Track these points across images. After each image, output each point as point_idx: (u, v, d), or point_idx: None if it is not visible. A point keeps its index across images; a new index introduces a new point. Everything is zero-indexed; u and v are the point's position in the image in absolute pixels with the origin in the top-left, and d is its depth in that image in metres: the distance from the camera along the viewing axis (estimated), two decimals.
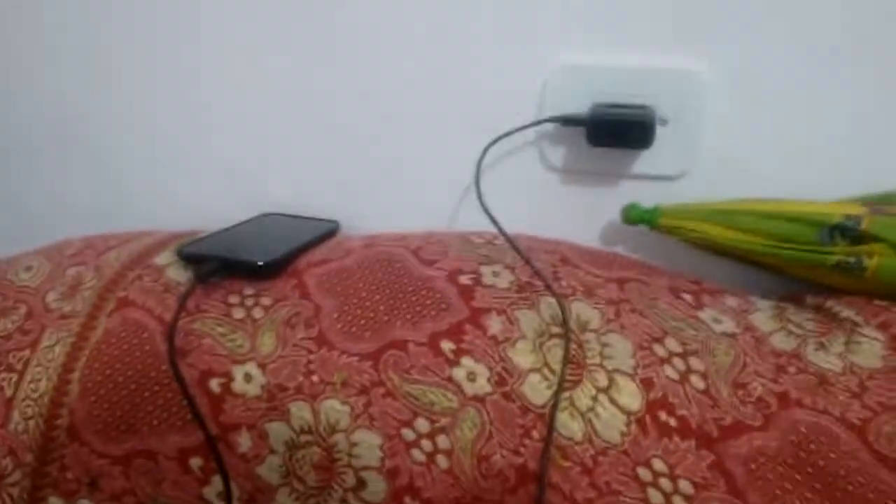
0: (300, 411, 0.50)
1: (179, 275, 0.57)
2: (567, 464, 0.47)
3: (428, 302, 0.53)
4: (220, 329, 0.53)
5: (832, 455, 0.45)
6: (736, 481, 0.46)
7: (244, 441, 0.51)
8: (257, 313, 0.54)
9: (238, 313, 0.54)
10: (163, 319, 0.53)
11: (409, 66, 0.66)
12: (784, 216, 0.56)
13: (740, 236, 0.57)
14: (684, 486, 0.46)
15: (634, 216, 0.62)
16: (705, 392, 0.48)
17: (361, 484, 0.50)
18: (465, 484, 0.48)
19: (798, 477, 0.45)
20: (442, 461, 0.49)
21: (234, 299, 0.55)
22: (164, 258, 0.59)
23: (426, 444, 0.49)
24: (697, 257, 0.62)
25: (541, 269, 0.56)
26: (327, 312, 0.53)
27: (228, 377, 0.51)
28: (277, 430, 0.50)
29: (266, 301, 0.54)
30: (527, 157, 0.66)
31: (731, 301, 0.55)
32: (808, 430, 0.46)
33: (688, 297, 0.55)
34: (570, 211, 0.66)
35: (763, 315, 0.53)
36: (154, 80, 0.74)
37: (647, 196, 0.63)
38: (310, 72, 0.69)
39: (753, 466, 0.46)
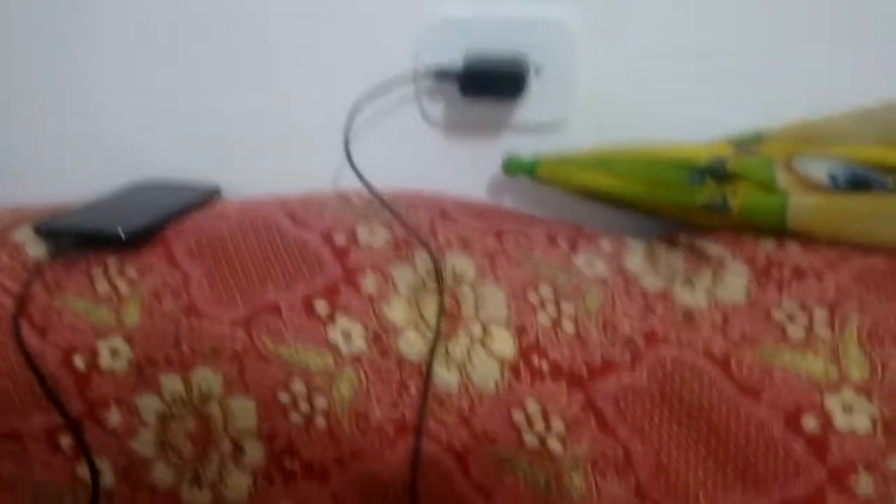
0: (171, 382, 0.49)
1: (39, 251, 0.54)
2: (444, 414, 0.47)
3: (301, 263, 0.52)
4: (82, 304, 0.51)
5: (696, 388, 0.46)
6: (606, 418, 0.47)
7: (113, 416, 0.49)
8: (122, 285, 0.52)
9: (102, 287, 0.52)
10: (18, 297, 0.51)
11: (280, 23, 0.64)
12: (657, 161, 0.57)
13: (616, 182, 0.58)
14: (557, 426, 0.47)
15: (514, 167, 0.61)
16: (576, 335, 0.49)
17: (239, 450, 0.49)
18: (344, 442, 0.48)
19: (665, 410, 0.46)
20: (320, 421, 0.48)
21: (97, 272, 0.52)
22: (23, 235, 0.56)
23: (304, 405, 0.48)
24: (579, 206, 0.63)
25: (418, 224, 0.55)
26: (196, 280, 0.51)
27: (93, 352, 0.49)
28: (148, 403, 0.49)
29: (131, 272, 0.52)
30: (406, 112, 0.65)
31: (606, 245, 0.56)
32: (672, 365, 0.47)
33: (563, 243, 0.55)
34: (454, 165, 0.65)
35: (635, 257, 0.54)
36: (31, 54, 0.70)
37: (531, 147, 0.63)
38: (184, 35, 0.66)
39: (622, 404, 0.47)
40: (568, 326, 0.49)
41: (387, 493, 0.48)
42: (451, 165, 0.65)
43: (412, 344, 0.49)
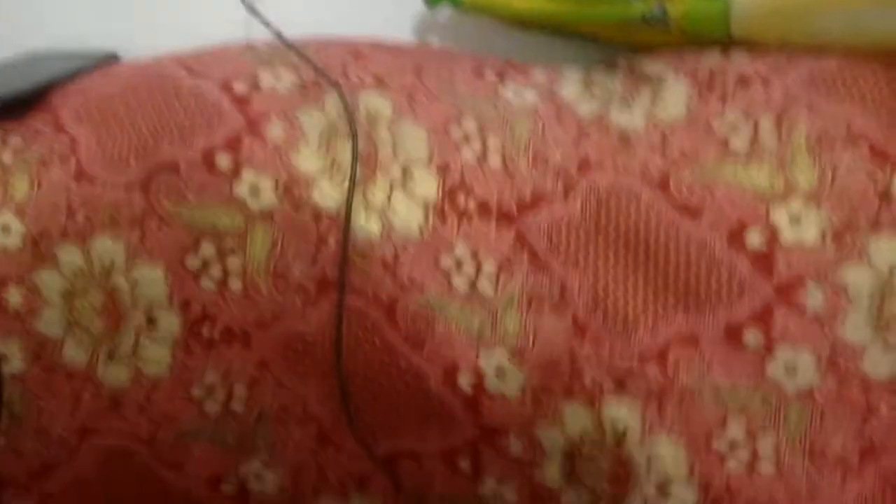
0: (70, 256, 0.45)
1: None
2: (367, 265, 0.44)
3: (198, 116, 0.46)
4: None
5: (632, 213, 0.43)
6: (538, 255, 0.43)
7: (13, 297, 0.45)
8: (6, 157, 0.47)
9: None
10: None
11: None
12: None
13: (546, 4, 0.52)
14: (487, 267, 0.43)
15: None
16: (504, 169, 0.45)
17: (152, 322, 0.46)
18: (263, 304, 0.45)
19: (601, 241, 0.43)
20: (235, 285, 0.45)
21: None
22: None
23: (215, 270, 0.45)
24: (514, 42, 0.57)
25: (328, 65, 0.50)
26: (85, 143, 0.46)
27: None
28: (48, 280, 0.45)
29: (15, 141, 0.47)
30: None
31: (539, 75, 0.51)
32: (607, 192, 0.43)
33: (490, 74, 0.50)
34: (375, 5, 0.59)
35: (569, 83, 0.50)
36: None
37: None
38: None
39: (555, 238, 0.44)
40: (495, 161, 0.45)
41: (313, 353, 0.45)
42: (372, 6, 0.59)
43: (327, 194, 0.45)
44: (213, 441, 0.47)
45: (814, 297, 0.41)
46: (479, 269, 0.44)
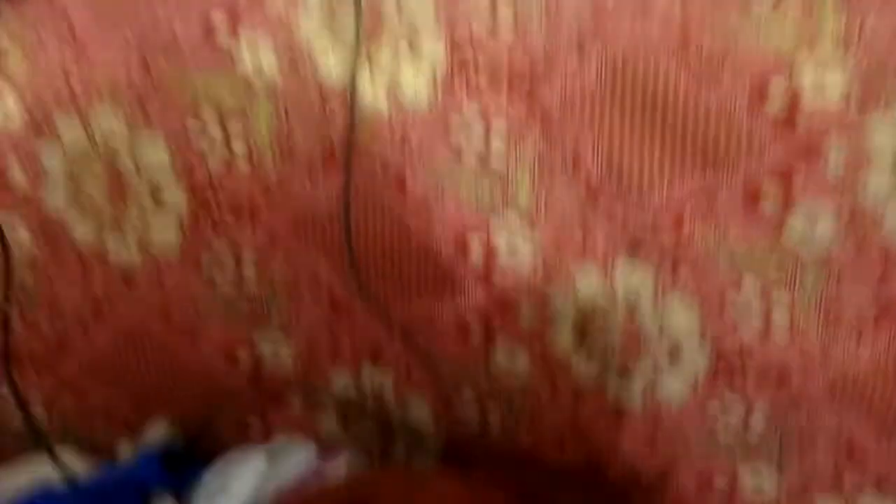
0: (71, 130, 0.44)
1: None
2: (375, 137, 0.43)
3: None
4: None
5: (650, 79, 0.41)
6: (552, 121, 0.42)
7: (17, 174, 0.45)
8: (2, 39, 0.45)
9: None
10: None
11: None
12: None
13: None
14: (498, 133, 0.42)
15: None
16: (516, 33, 0.43)
17: (158, 196, 0.45)
18: (270, 179, 0.44)
19: (615, 106, 0.42)
20: (240, 159, 0.44)
21: None
22: None
23: (219, 143, 0.44)
24: None
25: None
26: (79, 16, 0.45)
27: None
28: (50, 152, 0.45)
29: (8, 16, 0.46)
30: None
31: None
32: (623, 57, 0.41)
33: None
34: None
35: None
36: None
37: None
38: None
39: (569, 103, 0.42)
40: (506, 24, 0.43)
41: (322, 227, 0.45)
42: None
43: (332, 63, 0.43)
44: (227, 318, 0.48)
45: (834, 158, 0.40)
46: (489, 137, 0.42)
